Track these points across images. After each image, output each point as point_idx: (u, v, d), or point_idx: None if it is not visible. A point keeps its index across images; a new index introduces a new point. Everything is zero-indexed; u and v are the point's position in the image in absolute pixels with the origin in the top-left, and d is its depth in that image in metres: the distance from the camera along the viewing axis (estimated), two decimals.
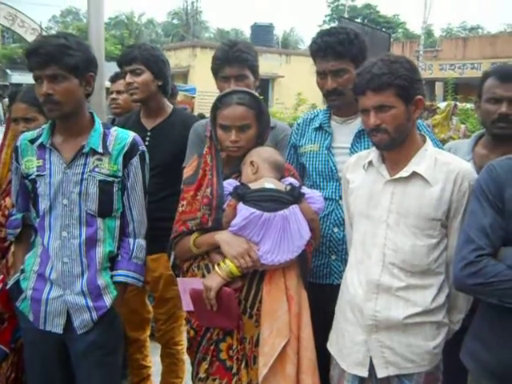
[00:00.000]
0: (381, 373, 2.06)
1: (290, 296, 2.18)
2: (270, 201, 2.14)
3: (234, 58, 2.70)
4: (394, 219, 2.05)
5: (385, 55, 2.05)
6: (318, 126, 2.61)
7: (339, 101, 2.48)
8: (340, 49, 2.40)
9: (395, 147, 2.04)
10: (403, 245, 2.03)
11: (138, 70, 2.95)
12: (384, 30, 22.30)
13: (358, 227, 2.17)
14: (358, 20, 35.18)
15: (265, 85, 22.91)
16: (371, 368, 2.08)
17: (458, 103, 10.74)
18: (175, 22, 47.70)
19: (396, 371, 2.06)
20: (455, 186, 2.01)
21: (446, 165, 2.04)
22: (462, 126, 9.48)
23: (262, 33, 27.00)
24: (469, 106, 12.08)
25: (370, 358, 2.08)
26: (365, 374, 2.09)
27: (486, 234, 1.81)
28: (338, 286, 2.33)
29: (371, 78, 1.97)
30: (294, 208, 2.17)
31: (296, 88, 18.56)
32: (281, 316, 2.13)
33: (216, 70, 2.79)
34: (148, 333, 3.35)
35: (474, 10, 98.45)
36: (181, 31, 43.69)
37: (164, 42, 40.69)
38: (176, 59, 22.58)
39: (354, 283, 2.13)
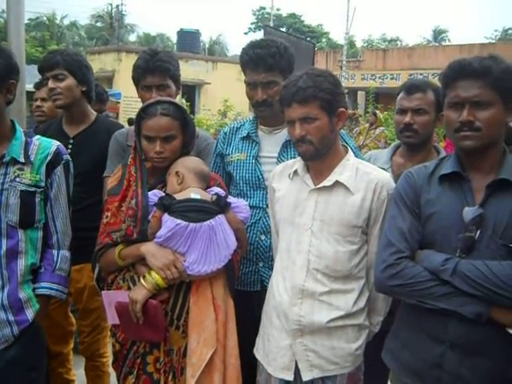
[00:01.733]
0: (306, 376, 2.12)
1: (217, 305, 2.19)
2: (196, 211, 2.14)
3: (156, 68, 2.68)
4: (317, 226, 2.11)
5: (310, 69, 2.12)
6: (245, 135, 2.63)
7: (268, 111, 2.53)
8: (271, 62, 2.44)
9: (319, 157, 2.11)
10: (326, 251, 2.09)
11: (61, 75, 2.87)
12: (308, 39, 22.80)
13: (284, 234, 2.22)
14: (283, 29, 35.83)
15: (191, 91, 22.84)
16: (296, 371, 2.13)
17: (377, 112, 11.14)
18: (99, 24, 46.60)
19: (320, 374, 2.12)
20: (375, 194, 2.10)
21: (366, 174, 2.13)
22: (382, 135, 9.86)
23: (189, 39, 26.87)
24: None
25: (296, 362, 2.13)
26: (290, 377, 2.13)
27: (405, 238, 1.90)
28: (264, 292, 2.37)
29: (297, 90, 2.03)
30: (220, 218, 2.18)
31: (222, 94, 18.62)
32: (208, 326, 2.13)
33: (137, 79, 2.76)
34: (71, 346, 3.24)
35: (394, 22, 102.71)
36: (105, 34, 42.80)
37: (88, 45, 39.62)
38: (100, 63, 22.07)
39: (279, 289, 2.18)
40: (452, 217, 1.84)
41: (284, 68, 2.48)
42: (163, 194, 2.19)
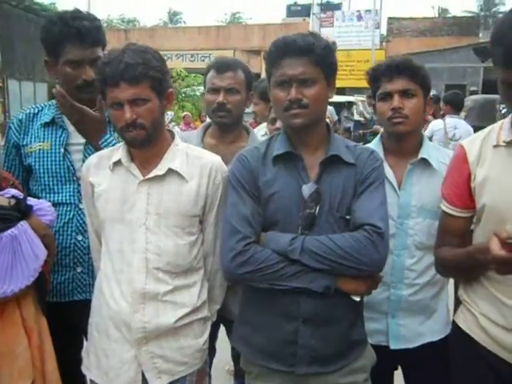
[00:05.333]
0: None
1: (29, 328, 1.93)
2: None
3: None
4: (153, 221, 1.93)
5: (130, 44, 1.89)
6: (48, 120, 2.28)
7: (90, 94, 2.22)
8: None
9: (150, 143, 1.92)
10: (166, 246, 1.93)
11: None
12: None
13: (112, 234, 1.97)
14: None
15: None
16: (144, 383, 1.95)
17: None
18: None
19: (170, 378, 1.97)
20: (210, 179, 1.99)
21: (198, 159, 2.01)
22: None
23: None
24: None
25: (143, 373, 1.94)
26: None
27: (249, 223, 1.84)
28: (86, 301, 2.13)
29: (125, 68, 1.79)
30: (23, 225, 1.89)
31: None
32: (21, 354, 1.87)
33: None
34: None
35: (132, 3, 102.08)
36: None
37: None
38: None
39: (115, 297, 1.94)
40: (291, 195, 1.85)
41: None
42: None
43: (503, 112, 13.94)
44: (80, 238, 2.24)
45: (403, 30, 26.39)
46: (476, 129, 7.87)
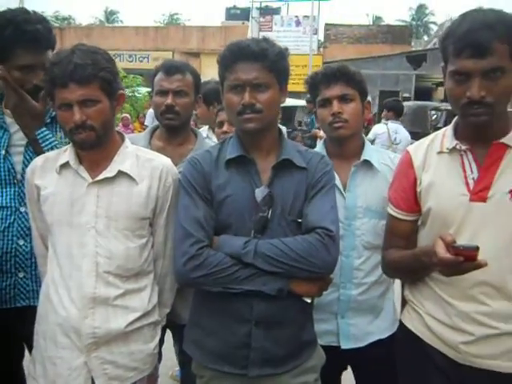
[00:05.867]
0: None
1: None
2: None
3: None
4: (103, 224, 1.89)
5: (80, 44, 1.85)
6: None
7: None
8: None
9: (100, 145, 1.88)
10: (117, 250, 1.90)
11: None
12: None
13: (60, 238, 1.92)
14: None
15: None
16: None
17: None
18: None
19: None
20: (160, 182, 1.98)
21: (148, 161, 1.99)
22: None
23: None
24: None
25: (92, 380, 1.90)
26: None
27: (202, 227, 1.84)
28: (29, 308, 2.07)
29: (74, 68, 1.75)
30: None
31: None
32: None
33: None
34: None
35: (66, 1, 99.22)
36: None
37: None
38: None
39: (63, 302, 1.89)
40: (243, 199, 1.86)
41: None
42: None
43: (434, 118, 14.56)
44: (21, 242, 2.16)
45: (340, 36, 26.98)
46: (409, 134, 8.22)
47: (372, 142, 7.18)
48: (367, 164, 2.25)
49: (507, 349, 1.74)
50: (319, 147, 2.40)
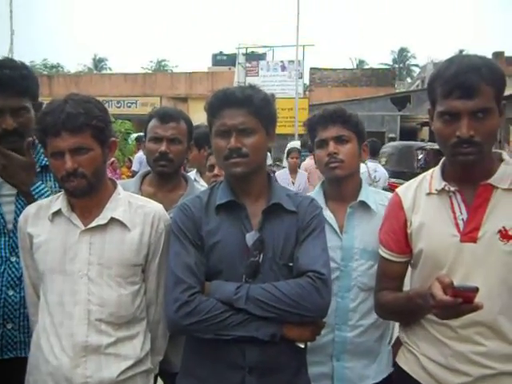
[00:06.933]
0: None
1: None
2: None
3: None
4: (96, 271, 1.89)
5: (72, 94, 1.89)
6: None
7: (12, 144, 2.13)
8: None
9: (91, 193, 1.89)
10: (109, 297, 1.89)
11: None
12: None
13: (52, 286, 1.91)
14: None
15: None
16: None
17: None
18: None
19: None
20: (153, 228, 1.98)
21: (141, 208, 2.00)
22: None
23: None
24: None
25: None
26: None
27: (193, 273, 1.83)
28: (17, 359, 2.04)
29: (67, 117, 1.78)
30: None
31: None
32: None
33: None
34: None
35: (56, 48, 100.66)
36: None
37: None
38: None
39: (54, 351, 1.86)
40: (234, 244, 1.86)
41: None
42: None
43: (420, 157, 14.74)
44: (11, 292, 2.13)
45: (325, 79, 27.50)
46: (396, 173, 8.36)
47: None
48: (364, 205, 2.27)
49: None
50: (316, 189, 2.43)
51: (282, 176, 7.39)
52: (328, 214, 2.24)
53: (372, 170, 7.59)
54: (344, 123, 2.27)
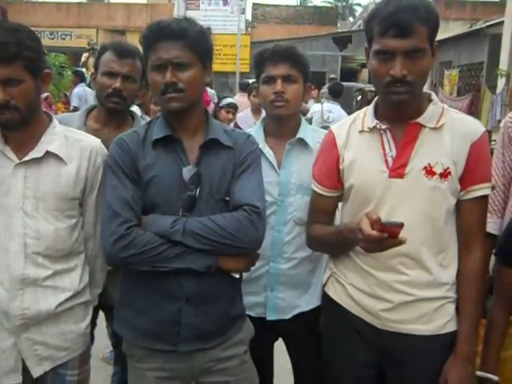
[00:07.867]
0: (36, 372, 1.92)
1: None
2: None
3: None
4: (31, 205, 1.87)
5: (2, 21, 1.80)
6: None
7: None
8: None
9: (25, 126, 1.85)
10: (46, 231, 1.89)
11: None
12: None
13: None
14: None
15: None
16: (25, 371, 1.91)
17: None
18: None
19: (51, 364, 1.95)
20: (90, 162, 1.97)
21: (78, 142, 1.98)
22: None
23: None
24: None
25: (23, 361, 1.90)
26: (19, 379, 1.90)
27: (131, 207, 1.85)
28: None
29: None
30: None
31: None
32: None
33: None
34: None
35: None
36: None
37: None
38: None
39: None
40: (171, 178, 1.88)
41: None
42: None
43: (358, 99, 14.94)
44: None
45: (268, 16, 27.01)
46: None
47: (310, 120, 7.49)
48: (302, 142, 2.32)
49: (422, 313, 1.89)
50: (257, 124, 2.45)
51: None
52: (267, 151, 2.29)
53: (326, 110, 7.68)
54: (294, 63, 2.27)
